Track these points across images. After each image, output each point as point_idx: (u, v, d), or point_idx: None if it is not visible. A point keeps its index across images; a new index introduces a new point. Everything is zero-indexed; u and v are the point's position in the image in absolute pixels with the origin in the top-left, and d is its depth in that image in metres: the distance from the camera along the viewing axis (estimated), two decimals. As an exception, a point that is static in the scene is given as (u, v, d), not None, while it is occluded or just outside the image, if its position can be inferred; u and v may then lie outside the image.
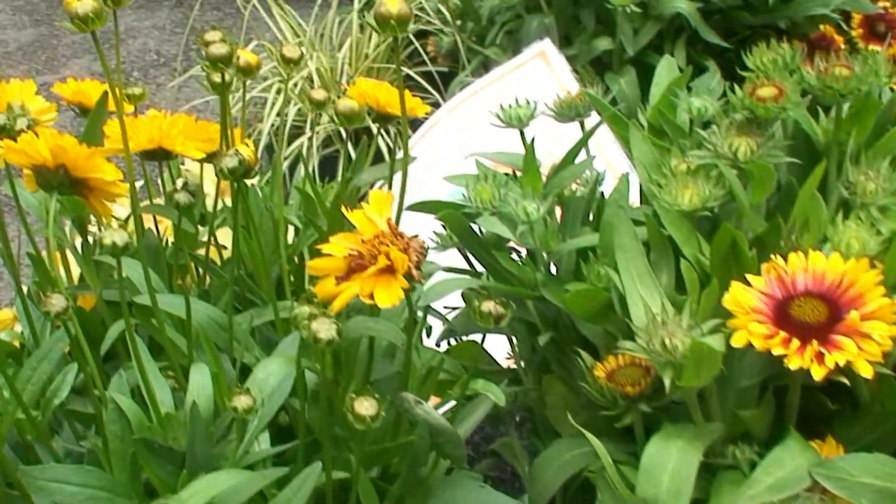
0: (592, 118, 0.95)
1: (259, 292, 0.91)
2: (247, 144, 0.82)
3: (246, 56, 0.90)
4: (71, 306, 0.69)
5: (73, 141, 0.71)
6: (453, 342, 0.95)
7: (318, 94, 0.95)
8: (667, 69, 0.95)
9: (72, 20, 0.69)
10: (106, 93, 0.88)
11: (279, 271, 0.94)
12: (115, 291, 0.93)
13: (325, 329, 0.63)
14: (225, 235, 1.04)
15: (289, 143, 1.77)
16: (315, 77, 1.82)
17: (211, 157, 0.90)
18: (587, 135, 0.90)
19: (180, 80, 2.10)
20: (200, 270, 0.98)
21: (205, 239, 0.98)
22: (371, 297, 0.66)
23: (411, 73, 1.90)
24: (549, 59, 1.53)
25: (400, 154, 0.79)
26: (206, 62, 0.79)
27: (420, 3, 1.86)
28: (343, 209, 0.70)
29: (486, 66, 1.69)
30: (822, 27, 1.63)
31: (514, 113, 0.89)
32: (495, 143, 1.50)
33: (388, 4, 0.69)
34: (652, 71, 1.59)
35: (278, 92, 1.76)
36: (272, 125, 1.77)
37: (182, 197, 0.81)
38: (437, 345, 0.94)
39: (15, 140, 0.86)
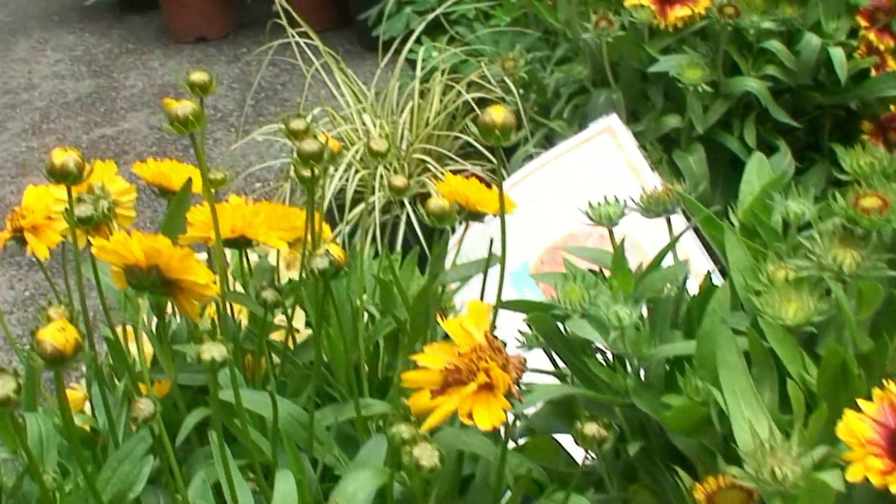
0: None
1: (337, 386, 0.89)
2: (336, 243, 0.80)
3: (330, 144, 0.89)
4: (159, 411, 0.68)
5: (166, 242, 0.69)
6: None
7: (399, 180, 0.93)
8: (756, 167, 0.93)
9: (171, 122, 0.68)
10: (190, 180, 0.88)
11: (356, 360, 0.92)
12: (188, 375, 0.92)
13: (427, 456, 0.62)
14: (296, 317, 1.03)
15: (350, 208, 1.76)
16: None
17: (293, 245, 0.89)
18: (675, 239, 0.87)
19: (241, 142, 2.10)
20: (274, 356, 0.96)
21: (276, 320, 0.97)
22: (470, 415, 0.64)
23: (471, 140, 1.89)
24: (617, 134, 1.51)
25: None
26: (297, 158, 0.78)
27: (482, 71, 1.86)
28: (438, 319, 0.69)
29: (549, 139, 1.67)
30: (892, 107, 1.61)
31: (603, 211, 0.87)
32: (561, 219, 1.48)
33: (493, 113, 0.67)
34: (720, 148, 1.58)
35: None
36: (333, 190, 1.76)
37: (269, 295, 0.79)
38: (515, 441, 0.92)
39: (98, 228, 0.86)
